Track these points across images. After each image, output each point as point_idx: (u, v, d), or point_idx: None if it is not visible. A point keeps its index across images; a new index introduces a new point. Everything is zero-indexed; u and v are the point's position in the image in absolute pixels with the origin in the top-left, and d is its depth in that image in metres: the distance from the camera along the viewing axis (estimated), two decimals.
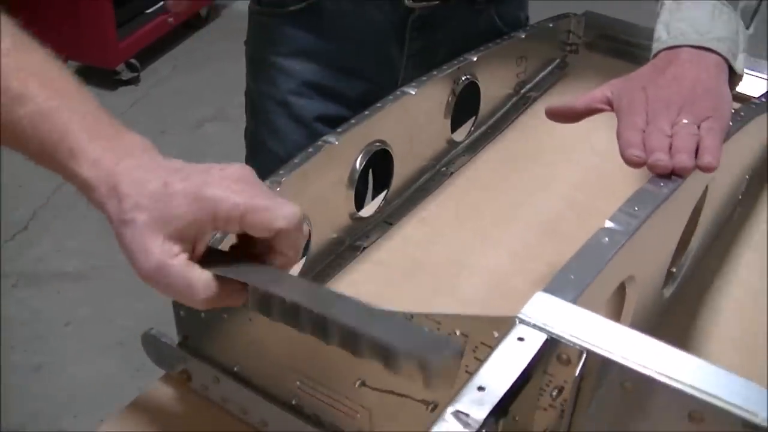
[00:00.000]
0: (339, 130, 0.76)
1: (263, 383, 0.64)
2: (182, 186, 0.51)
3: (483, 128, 0.99)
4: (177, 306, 0.66)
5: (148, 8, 2.89)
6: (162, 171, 0.53)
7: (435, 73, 0.86)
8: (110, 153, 0.54)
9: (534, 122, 1.02)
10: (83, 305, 2.01)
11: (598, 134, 0.84)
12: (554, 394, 0.46)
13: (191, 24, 3.19)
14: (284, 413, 0.63)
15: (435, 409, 0.53)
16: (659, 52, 0.72)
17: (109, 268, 2.07)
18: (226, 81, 2.99)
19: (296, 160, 0.72)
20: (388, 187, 0.84)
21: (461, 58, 0.89)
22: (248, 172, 0.53)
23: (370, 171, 0.97)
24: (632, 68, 0.75)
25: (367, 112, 0.78)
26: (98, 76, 2.84)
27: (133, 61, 2.84)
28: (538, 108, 1.04)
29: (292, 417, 0.63)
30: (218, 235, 0.61)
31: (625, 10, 0.98)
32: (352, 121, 0.77)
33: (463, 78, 0.90)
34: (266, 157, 1.05)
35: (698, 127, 0.65)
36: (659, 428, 0.44)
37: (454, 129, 0.94)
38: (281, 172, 0.70)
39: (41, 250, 2.18)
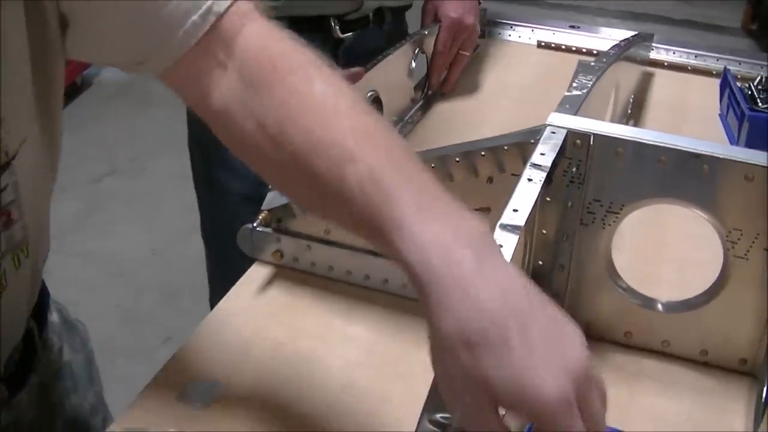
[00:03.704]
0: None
1: (348, 239, 0.88)
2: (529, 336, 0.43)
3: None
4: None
5: None
6: (497, 289, 0.44)
7: (401, 42, 1.15)
8: (437, 244, 0.47)
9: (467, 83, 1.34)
10: None
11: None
12: (574, 170, 0.75)
13: (68, 92, 3.33)
14: (366, 256, 0.88)
15: (489, 211, 0.80)
16: None
17: None
18: (111, 140, 3.18)
19: None
20: None
21: (416, 32, 1.20)
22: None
23: None
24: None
25: (368, 65, 1.06)
26: None
27: None
28: (464, 75, 1.35)
29: (372, 257, 0.88)
30: None
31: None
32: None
33: (416, 51, 1.20)
34: (220, 194, 1.22)
35: None
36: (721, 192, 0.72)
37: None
38: None
39: None
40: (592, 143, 0.74)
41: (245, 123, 0.57)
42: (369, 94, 1.06)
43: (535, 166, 0.69)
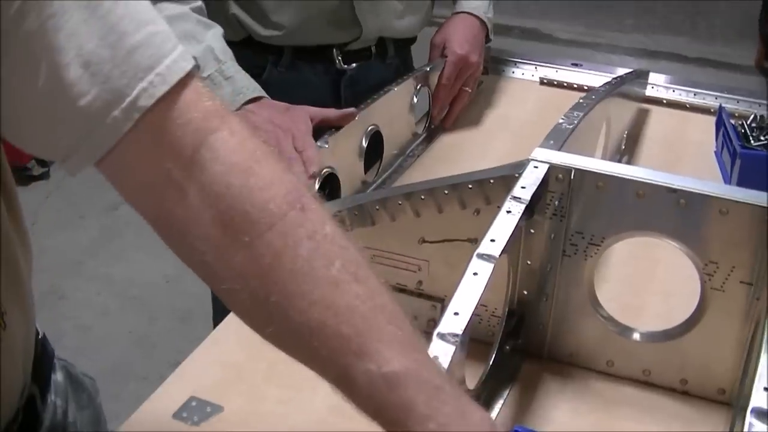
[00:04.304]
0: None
1: None
2: None
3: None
4: None
5: None
6: None
7: (404, 77, 1.19)
8: None
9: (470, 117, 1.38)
10: None
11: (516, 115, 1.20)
12: (556, 204, 0.79)
13: None
14: None
15: (476, 242, 0.83)
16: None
17: None
18: None
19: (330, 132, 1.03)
20: (381, 157, 1.16)
21: (417, 69, 1.24)
22: None
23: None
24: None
25: (369, 100, 1.10)
26: None
27: None
28: (466, 110, 1.39)
29: None
30: None
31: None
32: (362, 106, 1.08)
33: (419, 86, 1.24)
34: None
35: None
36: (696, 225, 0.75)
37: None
38: (326, 135, 1.01)
39: None
40: (573, 177, 0.77)
41: (222, 271, 0.52)
42: (369, 129, 1.11)
43: (516, 198, 0.73)
